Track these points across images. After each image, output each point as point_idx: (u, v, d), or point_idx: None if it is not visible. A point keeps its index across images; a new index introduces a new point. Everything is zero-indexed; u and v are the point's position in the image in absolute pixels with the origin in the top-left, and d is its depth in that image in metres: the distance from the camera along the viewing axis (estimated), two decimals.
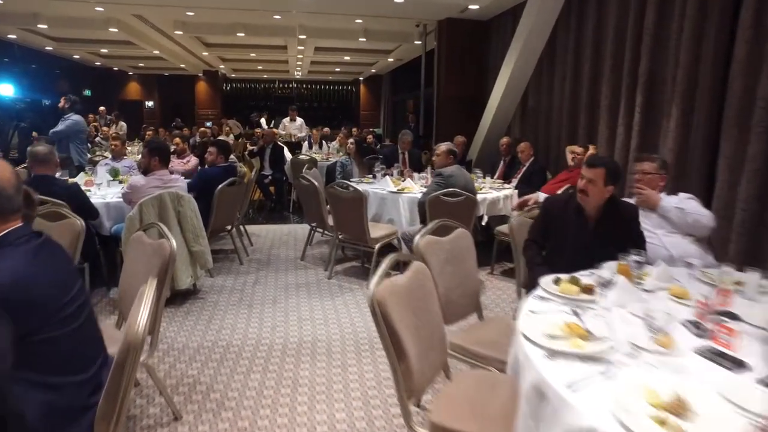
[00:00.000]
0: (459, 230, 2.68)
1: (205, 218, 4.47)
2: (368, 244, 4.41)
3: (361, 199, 4.23)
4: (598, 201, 2.64)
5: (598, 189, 2.59)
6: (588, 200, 2.65)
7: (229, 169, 4.77)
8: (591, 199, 2.63)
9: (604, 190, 2.60)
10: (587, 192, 2.62)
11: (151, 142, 4.08)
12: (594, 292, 2.04)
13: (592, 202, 2.65)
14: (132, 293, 2.43)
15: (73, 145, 6.48)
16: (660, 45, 4.66)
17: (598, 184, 2.58)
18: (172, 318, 3.72)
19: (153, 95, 18.64)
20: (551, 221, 2.81)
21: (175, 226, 3.83)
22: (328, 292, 4.35)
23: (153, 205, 3.69)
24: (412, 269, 2.02)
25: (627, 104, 5.10)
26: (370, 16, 8.73)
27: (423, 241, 2.42)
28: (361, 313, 3.88)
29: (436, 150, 4.42)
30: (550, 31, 6.35)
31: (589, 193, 2.62)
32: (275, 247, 5.75)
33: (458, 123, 8.38)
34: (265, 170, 8.12)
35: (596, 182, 2.58)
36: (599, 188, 2.59)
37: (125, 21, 9.04)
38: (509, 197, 5.28)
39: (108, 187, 4.83)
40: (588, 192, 2.62)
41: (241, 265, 5.05)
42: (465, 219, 4.20)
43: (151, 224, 2.48)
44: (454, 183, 4.17)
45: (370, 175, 6.08)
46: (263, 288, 4.41)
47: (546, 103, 6.92)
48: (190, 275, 3.96)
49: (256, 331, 3.55)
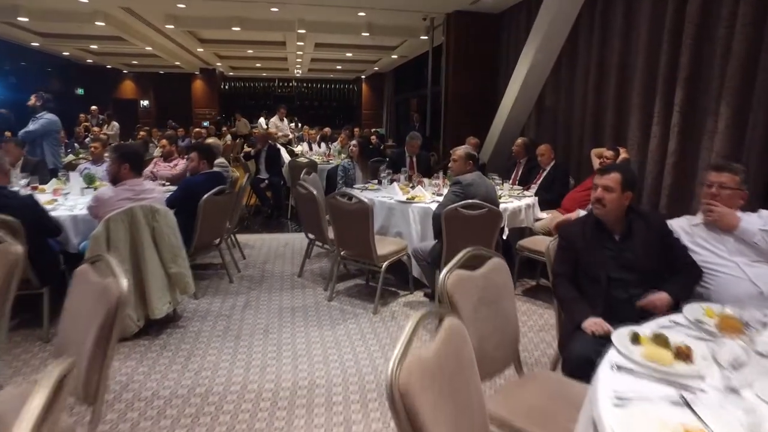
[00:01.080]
0: (494, 261, 2.12)
1: (189, 233, 3.93)
2: (374, 262, 3.85)
3: (367, 211, 3.66)
4: (618, 211, 2.37)
5: (616, 196, 2.34)
6: (606, 211, 2.36)
7: (213, 176, 4.19)
8: (610, 209, 2.36)
9: (622, 197, 2.35)
10: (604, 201, 2.35)
11: (120, 147, 3.52)
12: (692, 359, 1.48)
13: (611, 213, 2.37)
14: (70, 347, 1.90)
15: (48, 146, 5.94)
16: (706, 34, 4.09)
17: (616, 191, 2.34)
18: (144, 354, 3.15)
19: (148, 94, 18.10)
20: (574, 250, 2.41)
21: (150, 245, 3.27)
22: (328, 318, 3.79)
23: (122, 221, 3.14)
24: (444, 331, 1.46)
25: (664, 102, 4.53)
26: (373, 9, 8.16)
27: (452, 279, 1.86)
28: (366, 347, 3.31)
29: (453, 154, 3.85)
30: (573, 21, 5.77)
31: (607, 202, 2.35)
32: (270, 261, 5.19)
33: (467, 123, 7.82)
34: (261, 174, 7.56)
35: (613, 189, 2.34)
36: (618, 195, 2.34)
37: (113, 14, 8.48)
38: (531, 206, 4.71)
39: (81, 196, 4.27)
40: (605, 201, 2.35)
41: (231, 284, 4.48)
42: (487, 235, 3.64)
43: (98, 256, 1.92)
44: (474, 193, 3.60)
45: (374, 180, 5.51)
46: (254, 313, 3.85)
47: (566, 101, 6.35)
48: (167, 301, 3.40)
49: (242, 372, 2.98)
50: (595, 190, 2.41)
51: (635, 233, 2.36)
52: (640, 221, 2.40)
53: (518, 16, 7.39)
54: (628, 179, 2.39)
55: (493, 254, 2.16)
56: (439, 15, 8.21)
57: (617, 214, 2.38)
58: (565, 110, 6.38)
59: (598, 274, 2.31)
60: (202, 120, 17.44)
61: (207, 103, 18.23)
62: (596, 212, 2.41)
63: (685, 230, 2.51)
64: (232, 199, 4.46)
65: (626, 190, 2.37)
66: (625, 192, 2.37)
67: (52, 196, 4.09)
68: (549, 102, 6.79)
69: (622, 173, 2.40)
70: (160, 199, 3.48)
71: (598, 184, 2.41)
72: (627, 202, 2.40)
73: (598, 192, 2.39)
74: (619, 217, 2.40)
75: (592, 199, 2.44)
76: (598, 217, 2.42)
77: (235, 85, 19.98)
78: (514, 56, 7.45)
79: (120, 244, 3.12)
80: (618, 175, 2.38)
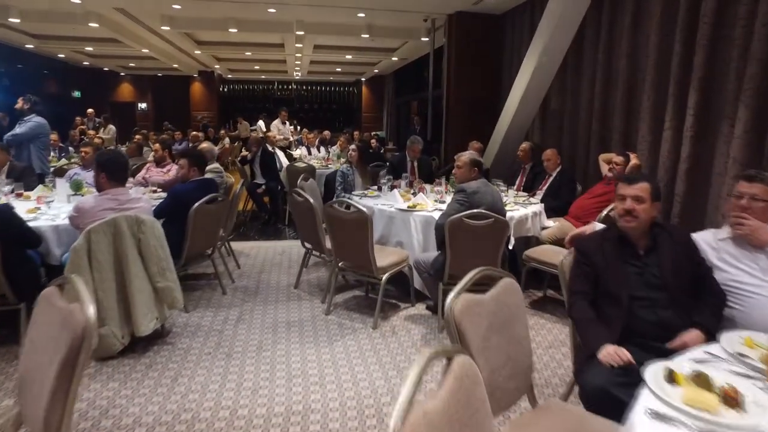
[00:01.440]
0: (505, 281, 1.92)
1: (180, 243, 3.73)
2: (374, 274, 3.65)
3: (366, 221, 3.46)
4: (647, 223, 2.19)
5: (647, 206, 2.17)
6: (638, 223, 2.17)
7: (205, 183, 3.99)
8: (641, 220, 2.17)
9: (653, 207, 2.19)
10: (636, 212, 2.16)
11: (99, 154, 3.32)
12: (742, 404, 1.28)
13: (642, 224, 2.18)
14: (32, 382, 1.70)
15: (36, 150, 5.74)
16: (722, 34, 3.90)
17: (647, 201, 2.17)
18: (128, 375, 2.95)
19: (146, 97, 17.92)
20: (593, 267, 2.21)
21: (135, 258, 3.07)
22: (325, 333, 3.59)
23: (105, 233, 2.94)
24: (453, 376, 1.25)
25: (676, 105, 4.34)
26: (373, 10, 7.98)
27: (459, 306, 1.67)
28: (365, 366, 3.11)
29: (457, 160, 3.65)
30: (579, 22, 5.58)
31: (639, 213, 2.16)
32: (266, 271, 4.99)
33: (470, 126, 7.64)
34: (257, 179, 7.36)
35: (644, 199, 2.17)
36: (649, 205, 2.17)
37: (107, 15, 8.29)
38: (538, 214, 4.51)
39: (68, 204, 4.07)
40: (637, 212, 2.16)
41: (224, 295, 4.28)
42: (493, 246, 3.44)
43: (63, 278, 1.73)
44: (479, 201, 3.40)
45: (374, 186, 5.31)
46: (247, 328, 3.64)
47: (572, 104, 6.16)
48: (155, 317, 3.20)
49: (232, 395, 2.78)
50: (623, 201, 2.20)
51: (661, 248, 2.17)
52: (665, 234, 2.21)
53: (522, 16, 7.21)
54: (656, 188, 2.22)
55: (504, 274, 1.96)
56: (440, 16, 8.03)
57: (645, 226, 2.20)
58: (570, 114, 6.19)
59: (619, 294, 2.11)
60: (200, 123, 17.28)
61: (206, 106, 18.05)
62: (626, 225, 2.20)
63: (710, 245, 2.31)
64: (225, 207, 4.26)
65: (656, 200, 2.19)
66: (654, 202, 2.19)
67: (36, 204, 3.89)
68: (554, 105, 6.60)
69: (651, 182, 2.22)
70: (146, 208, 3.29)
71: (626, 194, 2.20)
72: (656, 214, 2.22)
73: (628, 203, 2.18)
74: (644, 231, 2.20)
75: (619, 210, 2.24)
76: (621, 231, 2.23)
77: (234, 87, 19.80)
78: (517, 58, 7.28)
79: (102, 257, 2.93)
80: (647, 184, 2.20)
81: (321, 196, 5.58)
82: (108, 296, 2.96)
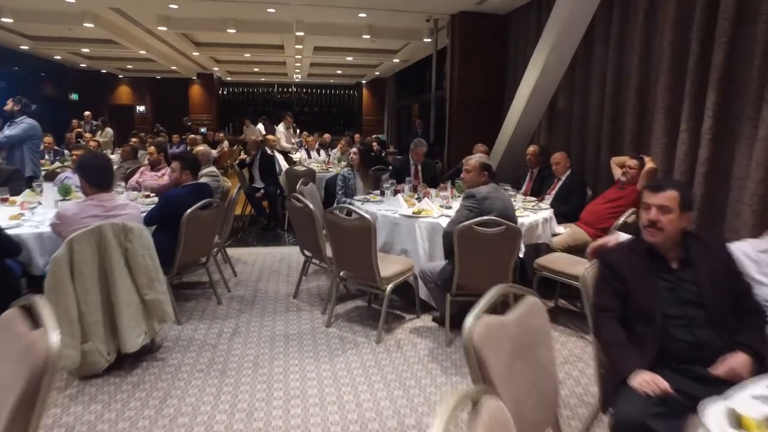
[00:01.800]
0: (528, 300, 1.72)
1: (172, 252, 3.53)
2: (377, 285, 3.44)
3: (369, 229, 3.25)
4: (676, 234, 1.99)
5: (675, 217, 1.97)
6: (664, 236, 1.98)
7: (198, 188, 3.78)
8: (668, 234, 1.97)
9: (682, 218, 1.99)
10: (661, 224, 1.97)
11: (80, 158, 3.11)
12: None
13: (669, 237, 1.98)
14: None
15: (29, 152, 5.55)
16: (743, 30, 3.70)
17: (675, 212, 1.97)
18: (112, 396, 2.74)
19: (145, 99, 17.71)
20: (621, 281, 2.01)
21: (122, 269, 2.86)
22: (325, 347, 3.37)
23: (89, 242, 2.73)
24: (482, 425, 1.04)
25: (693, 106, 4.13)
26: (374, 10, 7.78)
27: (479, 331, 1.46)
28: (369, 385, 2.90)
29: (466, 164, 3.44)
30: (589, 20, 5.38)
31: (664, 225, 1.97)
32: (264, 279, 4.77)
33: (474, 129, 7.44)
34: (256, 183, 7.16)
35: (671, 209, 1.97)
36: (676, 216, 1.97)
37: (102, 15, 8.10)
38: (548, 220, 4.31)
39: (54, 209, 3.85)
40: (662, 224, 1.97)
41: (219, 305, 4.07)
42: (505, 256, 3.24)
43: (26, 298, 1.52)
44: (489, 208, 3.19)
45: (377, 191, 5.11)
46: (243, 342, 3.43)
47: (580, 105, 5.96)
48: (143, 332, 2.98)
49: (225, 417, 2.57)
50: (647, 211, 2.01)
51: (696, 260, 1.95)
52: (699, 245, 2.00)
53: (527, 16, 7.02)
54: (686, 197, 2.00)
55: (527, 291, 1.75)
56: (443, 16, 7.84)
57: (675, 237, 1.99)
58: (579, 115, 5.98)
59: (651, 312, 1.91)
60: (199, 126, 17.09)
61: (205, 108, 17.86)
62: (650, 238, 2.00)
63: (749, 257, 2.10)
64: (220, 213, 4.05)
65: (685, 209, 1.98)
66: (684, 212, 1.98)
67: (19, 210, 3.68)
68: (561, 106, 6.39)
69: (679, 190, 2.00)
70: (135, 215, 3.08)
71: (651, 203, 2.01)
72: (687, 224, 2.00)
73: (652, 213, 1.99)
74: (676, 243, 1.99)
75: (643, 221, 2.04)
76: (649, 243, 2.02)
77: (234, 90, 19.61)
78: (522, 58, 7.09)
79: (86, 268, 2.72)
80: (675, 192, 1.99)
81: (321, 200, 5.37)
82: (92, 310, 2.76)
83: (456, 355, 3.27)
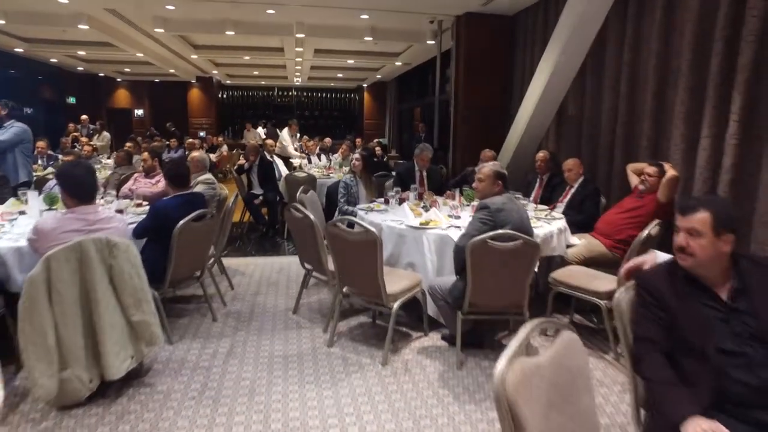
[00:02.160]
0: (565, 337, 1.47)
1: (164, 266, 3.29)
2: (383, 303, 3.20)
3: (374, 244, 3.01)
4: (716, 261, 1.73)
5: (708, 242, 1.71)
6: (696, 263, 1.74)
7: (190, 199, 3.53)
8: (700, 261, 1.73)
9: (717, 242, 1.72)
10: (690, 249, 1.74)
11: (60, 168, 2.87)
12: None
13: (705, 266, 1.74)
14: None
15: (21, 157, 5.34)
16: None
17: (707, 236, 1.72)
18: (93, 429, 2.48)
19: (143, 103, 17.52)
20: (664, 309, 1.76)
21: (106, 288, 2.62)
22: (327, 371, 3.13)
23: (68, 259, 2.49)
24: None
25: (716, 110, 3.90)
26: (377, 11, 7.56)
27: (513, 376, 1.22)
28: (375, 413, 2.66)
29: (479, 172, 3.20)
30: (603, 19, 5.15)
31: (695, 251, 1.73)
32: (262, 293, 4.53)
33: (480, 134, 7.24)
34: (254, 189, 6.93)
35: (702, 233, 1.72)
36: (709, 241, 1.71)
37: (97, 17, 7.89)
38: (563, 231, 4.07)
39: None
40: (692, 250, 1.73)
41: (215, 322, 3.83)
42: (522, 273, 3.00)
43: None
44: (504, 220, 2.95)
45: (380, 199, 4.87)
46: (238, 364, 3.19)
47: (592, 109, 5.72)
48: (129, 356, 2.74)
49: None
50: (677, 234, 1.79)
51: (753, 288, 1.71)
52: (756, 270, 1.75)
53: (535, 16, 6.80)
54: (722, 216, 1.72)
55: (564, 326, 1.51)
56: (447, 17, 7.62)
57: (717, 265, 1.74)
58: (590, 119, 5.74)
59: (702, 347, 1.66)
60: (198, 130, 16.90)
61: (204, 112, 17.68)
62: (682, 263, 1.77)
63: None
64: (215, 224, 3.81)
65: (722, 231, 1.71)
66: (721, 235, 1.71)
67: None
68: (572, 110, 6.16)
69: (712, 209, 1.73)
70: (121, 229, 2.84)
71: (680, 226, 1.78)
72: (727, 249, 1.73)
73: (680, 238, 1.76)
74: (722, 269, 1.75)
75: (674, 246, 1.81)
76: None
77: (233, 94, 19.42)
78: (530, 61, 6.87)
79: (65, 288, 2.48)
80: (706, 213, 1.72)
81: (322, 208, 5.13)
82: (71, 334, 2.51)
83: (468, 380, 3.03)
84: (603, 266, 3.89)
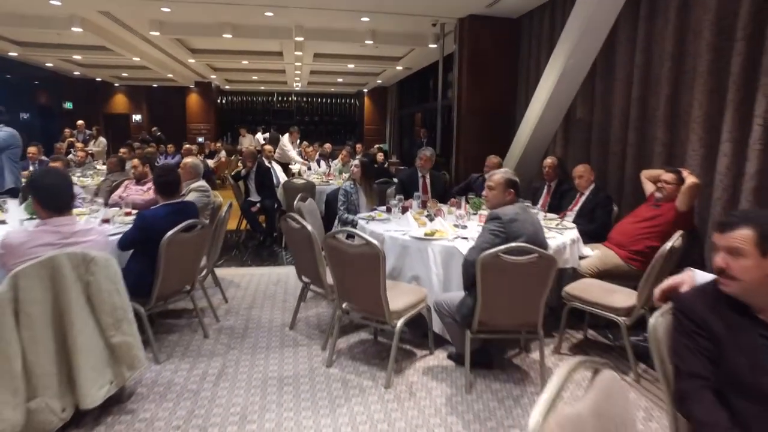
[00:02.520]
0: (603, 378, 1.24)
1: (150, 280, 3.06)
2: (386, 320, 2.96)
3: (377, 258, 2.78)
4: (762, 285, 1.48)
5: (752, 264, 1.48)
6: (739, 287, 1.51)
7: (180, 208, 3.30)
8: (744, 285, 1.50)
9: (763, 263, 1.47)
10: (731, 272, 1.51)
11: (31, 176, 2.63)
12: None
13: (750, 290, 1.50)
14: None
15: (8, 162, 5.12)
16: None
17: (750, 256, 1.48)
18: None
19: (141, 108, 17.33)
20: (711, 339, 1.52)
21: (82, 308, 2.39)
22: (326, 394, 2.89)
23: (39, 277, 2.26)
24: None
25: (737, 114, 3.68)
26: (378, 13, 7.36)
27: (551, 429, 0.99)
28: None
29: (489, 180, 2.98)
30: (613, 21, 4.93)
31: (737, 274, 1.50)
32: (257, 306, 4.29)
33: (483, 139, 7.01)
34: (251, 196, 6.70)
35: (745, 253, 1.49)
36: (755, 262, 1.47)
37: (91, 19, 7.69)
38: (576, 242, 3.84)
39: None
40: (733, 273, 1.51)
41: (206, 339, 3.59)
42: (536, 289, 2.76)
43: None
44: (517, 231, 2.73)
45: (382, 207, 4.64)
46: (230, 387, 2.95)
47: (601, 113, 5.49)
48: (108, 381, 2.51)
49: None
50: (717, 254, 1.57)
51: None
52: None
53: (541, 19, 6.59)
54: None
55: (602, 364, 1.28)
56: (450, 20, 7.42)
57: (759, 288, 1.50)
58: (600, 124, 5.52)
59: (760, 385, 1.43)
60: (197, 136, 16.70)
61: (202, 118, 17.49)
62: (723, 288, 1.55)
63: None
64: (207, 235, 3.58)
65: None
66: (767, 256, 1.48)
67: None
68: (580, 115, 5.94)
69: (756, 226, 1.49)
70: (100, 242, 2.61)
71: (718, 245, 1.57)
72: None
73: (719, 259, 1.54)
74: None
75: (713, 266, 1.58)
76: None
77: (232, 99, 19.21)
78: (536, 64, 6.67)
79: (34, 308, 2.24)
80: (748, 230, 1.49)
81: (321, 216, 4.90)
82: (42, 359, 2.27)
83: (478, 405, 2.79)
84: (618, 279, 3.67)
